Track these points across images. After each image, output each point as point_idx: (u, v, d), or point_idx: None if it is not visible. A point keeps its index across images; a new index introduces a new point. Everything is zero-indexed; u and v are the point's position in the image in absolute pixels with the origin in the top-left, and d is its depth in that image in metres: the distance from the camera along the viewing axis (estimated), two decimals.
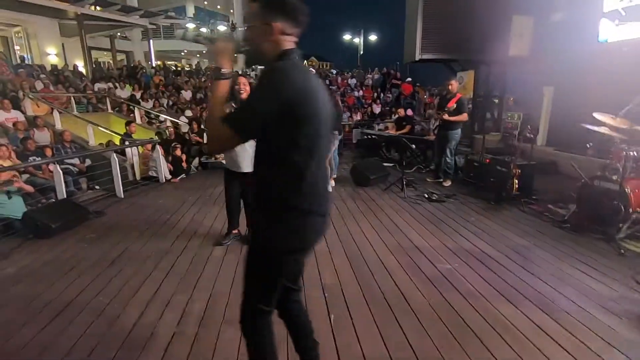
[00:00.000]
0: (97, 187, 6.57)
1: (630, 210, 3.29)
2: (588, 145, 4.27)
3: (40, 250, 3.43)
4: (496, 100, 9.89)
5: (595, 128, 3.86)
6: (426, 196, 4.94)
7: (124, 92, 11.45)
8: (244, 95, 3.19)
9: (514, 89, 9.08)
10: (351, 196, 5.13)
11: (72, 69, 13.20)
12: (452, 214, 4.30)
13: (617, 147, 3.74)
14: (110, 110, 9.62)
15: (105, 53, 19.96)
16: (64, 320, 2.31)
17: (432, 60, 9.08)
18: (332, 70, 19.43)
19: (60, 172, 4.49)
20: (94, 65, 14.73)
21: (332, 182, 5.53)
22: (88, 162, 6.67)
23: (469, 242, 3.44)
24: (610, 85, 5.25)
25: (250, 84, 3.25)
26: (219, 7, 25.07)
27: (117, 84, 11.82)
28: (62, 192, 4.47)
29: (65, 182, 6.07)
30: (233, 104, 3.29)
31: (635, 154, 3.44)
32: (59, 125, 7.45)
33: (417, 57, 8.58)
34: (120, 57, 19.37)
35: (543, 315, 2.29)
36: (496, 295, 2.54)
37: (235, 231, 3.61)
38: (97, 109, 9.94)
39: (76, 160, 6.84)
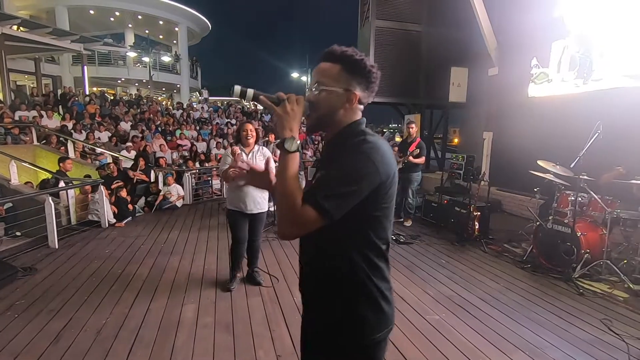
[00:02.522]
0: (18, 233, 5.65)
1: (582, 251, 3.63)
2: (535, 189, 4.72)
3: None
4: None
5: (542, 175, 4.31)
6: (394, 238, 5.00)
7: (52, 122, 10.27)
8: (252, 141, 3.21)
9: (458, 132, 9.94)
10: None
11: None
12: (422, 257, 4.38)
13: (563, 192, 4.20)
14: (35, 143, 8.49)
15: (26, 76, 18.03)
16: None
17: (382, 103, 9.67)
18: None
19: None
20: (11, 90, 13.08)
21: None
22: (8, 204, 5.72)
23: (448, 289, 3.49)
24: (539, 133, 6.00)
25: (256, 129, 3.23)
26: (161, 36, 24.41)
27: (42, 112, 10.58)
28: None
29: None
30: (242, 147, 3.27)
31: (581, 199, 3.86)
32: None
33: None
34: (46, 81, 17.60)
35: None
36: (489, 347, 2.55)
37: (239, 274, 3.53)
38: (18, 141, 8.70)
39: None
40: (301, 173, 5.39)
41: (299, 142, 1.00)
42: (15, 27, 12.27)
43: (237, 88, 1.01)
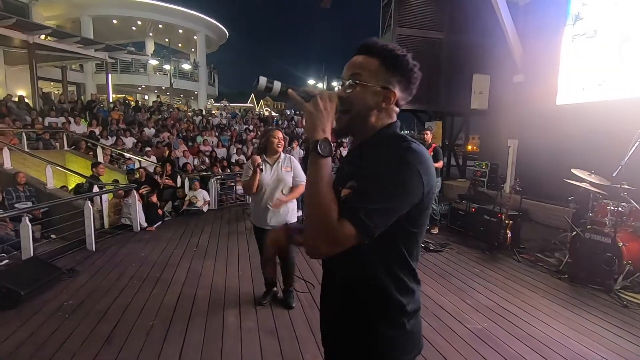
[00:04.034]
0: (53, 236, 5.81)
1: (624, 262, 3.55)
2: (570, 198, 4.66)
3: (10, 324, 2.83)
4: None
5: (577, 183, 4.26)
6: (423, 246, 4.98)
7: (80, 128, 10.59)
8: (281, 149, 2.95)
9: (480, 139, 9.86)
10: None
11: (16, 99, 12.03)
12: (455, 265, 4.35)
13: (600, 201, 4.13)
14: (66, 148, 8.76)
15: (52, 84, 18.65)
16: None
17: (404, 110, 9.68)
18: (297, 112, 19.81)
19: (29, 225, 3.87)
20: (40, 97, 13.54)
21: None
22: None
23: (486, 298, 3.46)
24: (569, 140, 5.92)
25: (284, 137, 3.02)
26: (180, 45, 24.97)
27: (70, 119, 10.92)
28: (29, 248, 3.82)
29: (14, 231, 5.33)
30: (265, 157, 3.01)
31: (621, 209, 3.80)
32: (8, 165, 6.57)
33: None
34: (70, 88, 18.16)
35: None
36: (536, 357, 2.52)
37: (274, 289, 3.34)
38: (49, 146, 8.99)
39: (28, 204, 6.05)
40: None
41: (332, 144, 0.89)
42: (43, 37, 12.76)
43: (263, 80, 0.88)
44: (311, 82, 23.04)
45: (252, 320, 2.99)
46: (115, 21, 19.96)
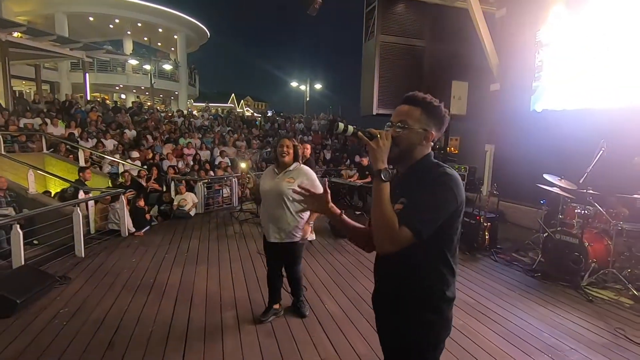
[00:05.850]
0: (35, 242, 5.70)
1: (590, 260, 3.90)
2: (542, 201, 5.01)
3: (9, 332, 2.85)
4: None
5: (549, 188, 4.59)
6: None
7: (58, 130, 10.28)
8: (287, 159, 2.88)
9: (459, 142, 10.26)
10: (337, 250, 5.21)
11: None
12: None
13: (569, 205, 4.48)
14: (44, 151, 8.53)
15: (24, 82, 17.96)
16: None
17: (387, 115, 9.96)
18: (281, 113, 19.89)
19: (20, 232, 3.83)
20: (13, 96, 13.02)
21: (313, 234, 5.52)
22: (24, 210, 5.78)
23: (467, 296, 3.71)
24: (541, 146, 6.32)
25: (294, 146, 2.93)
26: (159, 44, 24.51)
27: (47, 120, 10.58)
28: (19, 256, 3.78)
29: None
30: (275, 167, 2.97)
31: (587, 212, 4.15)
32: None
33: (374, 111, 9.37)
34: (44, 87, 17.53)
35: None
36: (515, 350, 2.77)
37: (276, 306, 3.20)
38: (25, 149, 8.73)
39: (10, 210, 5.90)
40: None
41: (390, 172, 1.20)
42: (17, 34, 12.30)
43: (341, 125, 1.23)
44: (294, 84, 23.17)
45: (250, 322, 3.11)
46: (91, 18, 19.41)
